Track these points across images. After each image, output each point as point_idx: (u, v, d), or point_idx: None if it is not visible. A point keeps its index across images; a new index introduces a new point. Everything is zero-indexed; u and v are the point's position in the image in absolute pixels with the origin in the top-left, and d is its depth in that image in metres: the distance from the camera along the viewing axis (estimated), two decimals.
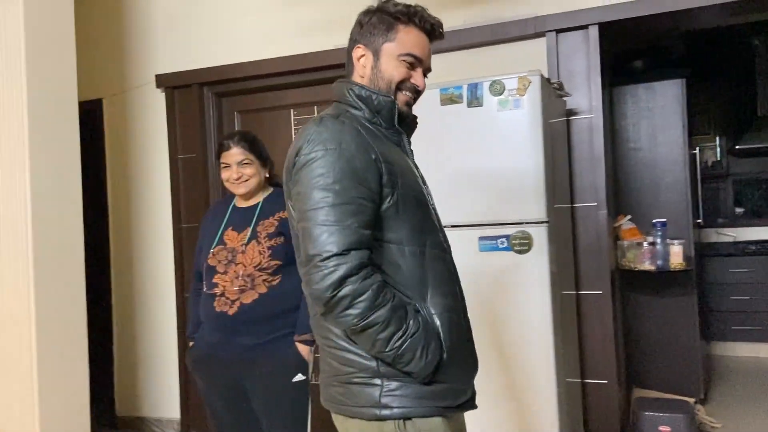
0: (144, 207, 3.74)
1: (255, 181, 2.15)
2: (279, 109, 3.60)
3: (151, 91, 3.69)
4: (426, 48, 1.41)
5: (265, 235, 2.09)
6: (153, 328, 3.70)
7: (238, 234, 2.12)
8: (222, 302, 2.06)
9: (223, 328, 2.06)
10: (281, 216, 2.13)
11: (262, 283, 2.05)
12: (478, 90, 2.34)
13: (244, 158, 2.12)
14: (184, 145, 3.65)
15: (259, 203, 2.17)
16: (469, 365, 1.38)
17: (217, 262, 2.10)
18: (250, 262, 2.05)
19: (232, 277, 2.06)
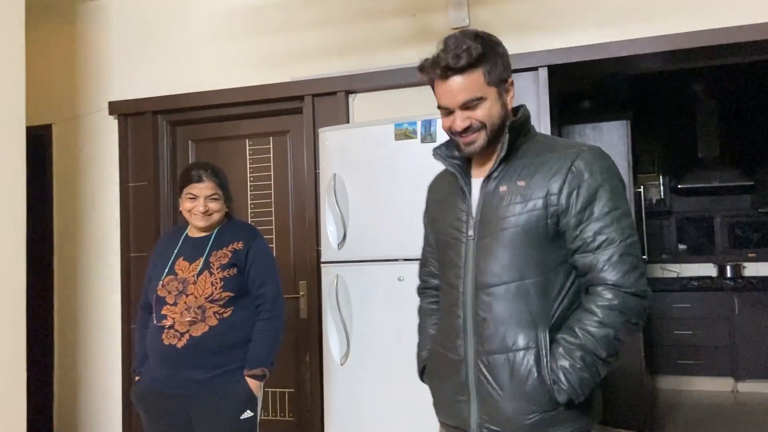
0: (92, 235, 3.64)
1: (217, 217, 2.14)
2: (234, 139, 3.59)
3: (104, 118, 3.63)
4: (452, 90, 1.36)
5: (218, 266, 2.06)
6: (96, 361, 3.57)
7: (189, 264, 2.09)
8: (171, 335, 2.01)
9: (170, 362, 2.01)
10: (235, 247, 2.11)
11: (212, 315, 2.02)
12: (431, 126, 2.40)
13: (213, 193, 2.11)
14: (136, 174, 3.59)
15: (213, 234, 2.15)
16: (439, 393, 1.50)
17: (167, 293, 2.06)
18: (202, 293, 2.02)
19: (182, 308, 2.02)
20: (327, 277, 2.58)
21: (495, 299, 1.34)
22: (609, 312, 1.28)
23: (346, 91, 3.24)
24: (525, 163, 1.39)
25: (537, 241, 1.34)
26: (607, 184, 1.34)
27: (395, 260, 2.46)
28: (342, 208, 2.54)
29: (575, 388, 1.28)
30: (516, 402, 1.31)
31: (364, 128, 2.57)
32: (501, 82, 1.38)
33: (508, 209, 1.36)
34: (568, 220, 1.33)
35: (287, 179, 3.49)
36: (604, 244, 1.30)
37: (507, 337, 1.32)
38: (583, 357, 1.27)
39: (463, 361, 1.38)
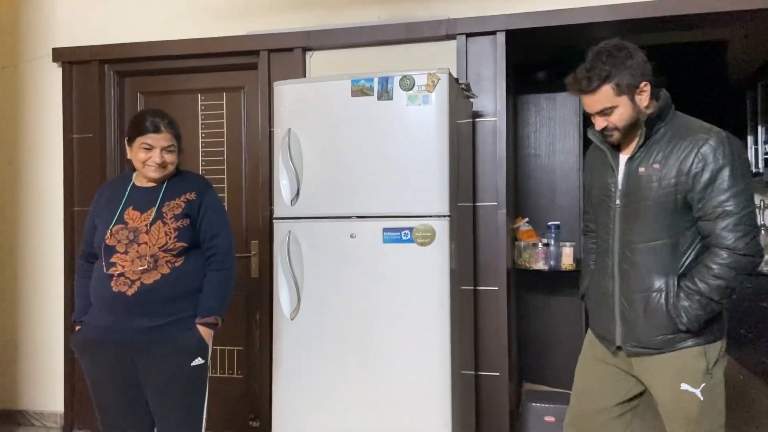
0: (33, 188, 3.50)
1: (171, 169, 2.10)
2: (186, 93, 3.49)
3: (47, 66, 3.46)
4: (589, 103, 1.79)
5: (171, 216, 2.04)
6: (38, 317, 3.47)
7: (140, 214, 2.05)
8: (121, 282, 1.98)
9: (119, 309, 1.99)
10: (188, 197, 2.08)
11: (165, 264, 2.00)
12: (388, 83, 2.38)
13: (170, 144, 2.06)
14: (81, 125, 3.45)
15: (164, 184, 2.11)
16: (595, 315, 1.95)
17: (117, 242, 2.02)
18: (155, 242, 2.00)
19: (133, 257, 1.99)
20: (279, 233, 2.56)
21: (635, 253, 1.77)
22: (722, 267, 1.66)
23: (303, 48, 3.19)
24: (660, 147, 1.75)
25: (669, 212, 1.72)
26: (729, 166, 1.66)
27: (348, 217, 2.46)
28: (296, 164, 2.52)
29: (692, 322, 1.70)
30: (649, 327, 1.76)
31: (320, 83, 2.54)
32: (632, 88, 1.73)
33: (646, 186, 1.75)
34: (693, 195, 1.69)
35: (241, 137, 3.43)
36: (722, 215, 1.66)
37: (645, 281, 1.75)
38: (700, 300, 1.68)
39: (612, 296, 1.84)
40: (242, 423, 3.33)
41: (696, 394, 1.72)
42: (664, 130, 1.76)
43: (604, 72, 1.70)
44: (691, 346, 1.73)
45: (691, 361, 1.73)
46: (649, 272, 1.74)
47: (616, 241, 1.81)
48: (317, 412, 2.47)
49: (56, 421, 3.43)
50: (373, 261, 2.42)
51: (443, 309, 2.36)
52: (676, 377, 1.74)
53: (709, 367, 1.72)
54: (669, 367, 1.75)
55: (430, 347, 2.36)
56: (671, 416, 1.79)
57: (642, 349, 1.78)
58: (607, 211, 1.85)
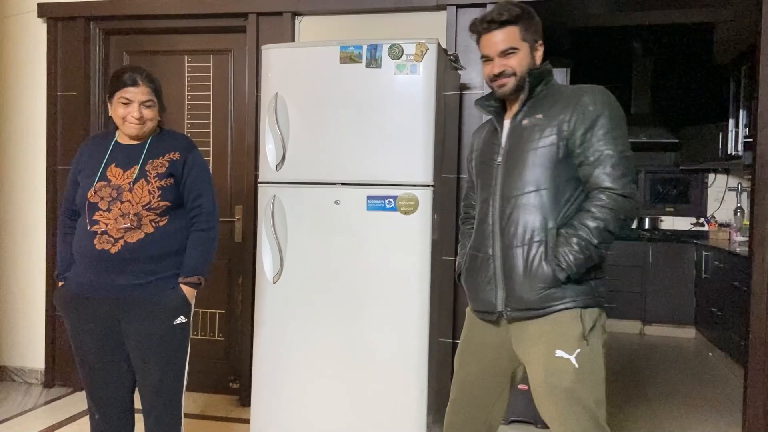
0: (16, 145, 3.47)
1: (151, 125, 2.06)
2: (173, 54, 3.46)
3: (32, 21, 3.41)
4: (493, 42, 1.73)
5: (154, 175, 2.03)
6: (19, 273, 3.47)
7: (123, 171, 2.03)
8: (104, 240, 1.98)
9: (102, 266, 1.99)
10: (171, 157, 2.06)
11: (149, 223, 2.00)
12: (377, 51, 2.39)
13: (147, 99, 2.02)
14: (65, 83, 3.41)
15: (147, 142, 2.09)
16: (472, 287, 1.84)
17: (99, 199, 2.00)
18: (139, 200, 1.99)
19: (116, 215, 1.98)
20: (264, 197, 2.57)
21: (516, 206, 1.71)
22: (601, 209, 1.64)
23: (293, 12, 3.16)
24: (545, 102, 1.74)
25: (551, 160, 1.69)
26: (607, 112, 1.67)
27: (333, 184, 2.48)
28: (282, 129, 2.52)
29: (571, 266, 1.64)
30: (528, 282, 1.68)
31: (309, 48, 2.53)
32: (533, 42, 1.75)
33: (529, 137, 1.72)
34: (573, 140, 1.68)
35: (227, 100, 3.41)
36: (600, 158, 1.65)
37: (525, 233, 1.69)
38: (578, 242, 1.63)
39: (492, 257, 1.76)
40: (222, 384, 3.38)
41: (570, 360, 1.64)
42: (545, 92, 1.76)
43: (515, 11, 1.72)
44: (566, 308, 1.66)
45: (567, 324, 1.67)
46: (529, 223, 1.69)
47: (497, 200, 1.76)
48: (296, 374, 2.52)
49: (37, 377, 3.45)
50: (357, 228, 2.45)
51: (424, 277, 2.40)
52: (552, 342, 1.67)
53: (585, 333, 1.66)
54: (546, 333, 1.68)
55: (409, 314, 2.41)
56: (544, 392, 1.68)
57: (522, 311, 1.70)
58: (489, 172, 1.80)
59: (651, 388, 3.84)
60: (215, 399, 3.33)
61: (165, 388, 2.06)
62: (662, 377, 4.09)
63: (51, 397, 3.31)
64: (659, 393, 3.73)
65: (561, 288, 1.66)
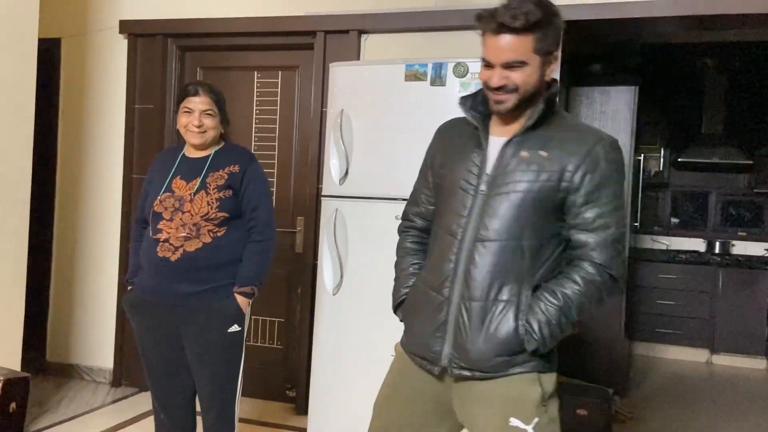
0: (95, 154, 3.67)
1: (212, 134, 2.15)
2: (243, 70, 3.59)
3: (113, 37, 3.61)
4: (499, 48, 1.42)
5: (214, 187, 2.11)
6: (93, 276, 3.65)
7: (186, 183, 2.13)
8: (165, 248, 2.07)
9: (163, 273, 2.08)
10: (231, 170, 2.15)
11: (207, 233, 2.08)
12: (442, 69, 2.41)
13: (208, 108, 2.11)
14: (143, 96, 3.59)
15: (210, 155, 2.18)
16: (415, 327, 1.58)
17: (164, 209, 2.11)
18: (198, 211, 2.08)
19: (177, 224, 2.08)
20: (326, 211, 2.63)
21: (490, 252, 1.44)
22: (589, 284, 1.43)
23: (359, 30, 3.23)
24: (550, 135, 1.45)
25: (542, 209, 1.43)
26: (617, 177, 1.45)
27: (395, 199, 2.51)
28: (346, 144, 2.58)
29: (545, 341, 1.41)
30: (486, 345, 1.43)
31: (374, 66, 2.59)
32: (547, 54, 1.42)
33: (523, 174, 1.44)
34: (575, 197, 1.43)
35: (293, 115, 3.51)
36: (601, 227, 1.42)
37: (493, 288, 1.43)
38: (559, 317, 1.41)
39: (447, 303, 1.48)
40: (279, 391, 3.44)
41: (527, 431, 1.42)
42: (550, 120, 1.47)
43: (534, 17, 1.36)
44: (525, 371, 1.43)
45: (524, 388, 1.44)
46: (499, 278, 1.43)
47: (467, 237, 1.46)
48: (354, 385, 2.55)
49: (105, 376, 3.62)
50: None
51: None
52: (506, 409, 1.44)
53: (545, 398, 1.44)
54: (499, 397, 1.45)
55: None
56: None
57: (471, 371, 1.44)
58: (462, 199, 1.49)
59: (718, 420, 3.67)
60: (272, 406, 3.39)
61: (219, 394, 2.12)
62: (730, 409, 3.90)
63: (118, 396, 3.46)
64: (726, 425, 3.56)
65: (520, 355, 1.43)
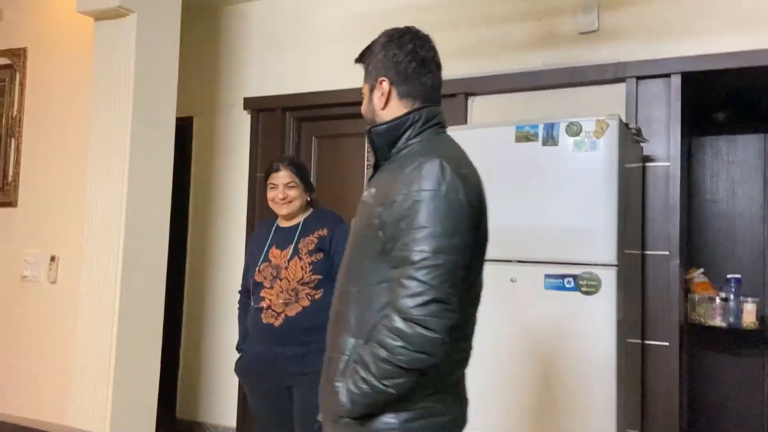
0: (221, 220, 3.93)
1: (298, 204, 2.31)
2: (354, 137, 3.73)
3: (238, 113, 3.91)
4: None
5: (306, 252, 2.23)
6: (218, 337, 3.85)
7: (281, 251, 2.27)
8: (269, 315, 2.21)
9: (268, 339, 2.21)
10: (320, 234, 2.26)
11: (305, 297, 2.19)
12: (554, 130, 2.38)
13: (290, 181, 2.28)
14: (264, 165, 3.82)
15: (300, 223, 2.32)
16: None
17: (263, 278, 2.25)
18: (293, 276, 2.20)
19: (277, 291, 2.21)
20: None
21: (337, 301, 1.36)
22: (388, 335, 1.18)
23: (465, 93, 3.28)
24: (390, 167, 1.33)
25: (370, 252, 1.27)
26: (433, 199, 1.19)
27: (509, 261, 2.47)
28: None
29: (345, 404, 1.23)
30: (324, 397, 1.33)
31: (483, 129, 2.60)
32: (372, 81, 1.40)
33: (360, 216, 1.34)
34: (386, 231, 1.23)
35: None
36: (403, 262, 1.20)
37: (333, 338, 1.34)
38: (357, 375, 1.22)
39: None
40: None
41: None
42: (408, 151, 1.31)
43: (367, 49, 1.43)
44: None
45: None
46: (341, 329, 1.30)
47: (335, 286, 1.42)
48: None
49: None
50: (534, 307, 2.40)
51: (609, 362, 2.26)
52: None
53: None
54: None
55: (595, 402, 2.26)
56: None
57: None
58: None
59: None
60: None
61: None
62: None
63: None
64: None
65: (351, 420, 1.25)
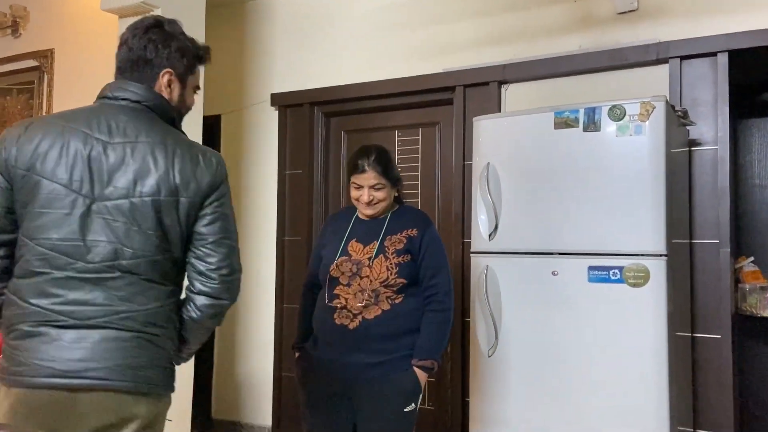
0: (251, 217, 3.89)
1: (384, 205, 2.07)
2: (384, 130, 3.66)
3: (266, 109, 3.86)
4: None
5: (393, 251, 2.01)
6: (252, 337, 3.82)
7: (363, 247, 2.04)
8: (343, 315, 1.98)
9: (339, 342, 1.99)
10: (409, 234, 2.05)
11: (385, 300, 1.97)
12: (595, 114, 2.27)
13: (377, 182, 2.04)
14: (293, 162, 3.78)
15: (387, 217, 2.10)
16: None
17: (341, 274, 2.02)
18: (377, 276, 1.97)
19: (355, 290, 1.98)
20: (476, 268, 2.54)
21: None
22: None
23: (499, 81, 3.18)
24: None
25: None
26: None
27: (550, 254, 2.37)
28: (494, 198, 2.49)
29: None
30: None
31: (521, 116, 2.50)
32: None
33: None
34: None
35: (434, 171, 3.50)
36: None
37: None
38: None
39: None
40: None
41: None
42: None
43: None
44: None
45: None
46: None
47: None
48: None
49: None
50: (577, 301, 2.29)
51: (660, 357, 2.15)
52: None
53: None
54: None
55: (644, 398, 2.15)
56: None
57: None
58: None
59: None
60: None
61: None
62: None
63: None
64: None
65: None
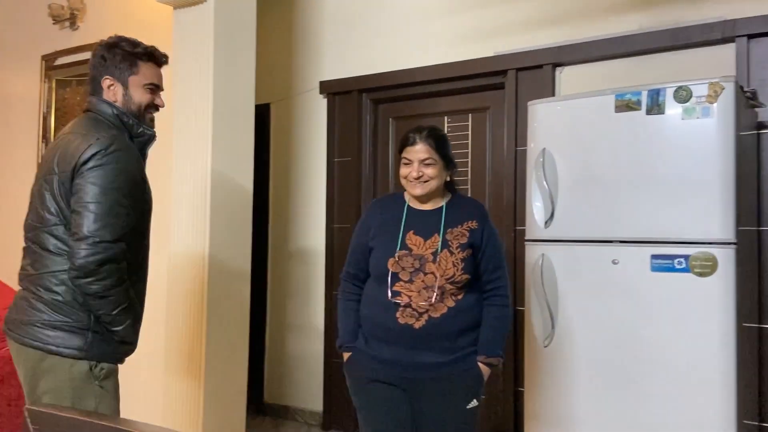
0: (301, 205, 3.91)
1: (435, 183, 1.94)
2: (433, 116, 3.61)
3: (315, 97, 3.86)
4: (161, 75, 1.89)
5: (457, 246, 1.91)
6: (302, 324, 3.85)
7: (424, 241, 1.92)
8: (407, 314, 1.87)
9: (403, 342, 1.88)
10: (470, 226, 1.94)
11: (449, 297, 1.89)
12: (659, 96, 2.18)
13: (428, 157, 1.91)
14: (341, 149, 3.77)
15: (443, 207, 1.98)
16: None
17: (401, 269, 1.90)
18: (444, 273, 1.87)
19: (419, 287, 1.88)
20: (531, 256, 2.48)
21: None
22: None
23: (553, 64, 3.09)
24: None
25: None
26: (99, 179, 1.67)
27: (610, 242, 2.30)
28: (550, 185, 2.43)
29: None
30: None
31: (579, 100, 2.42)
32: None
33: None
34: None
35: (485, 156, 3.44)
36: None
37: None
38: None
39: None
40: None
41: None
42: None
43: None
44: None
45: None
46: None
47: None
48: None
49: (316, 419, 3.76)
50: (639, 291, 2.22)
51: (727, 349, 2.06)
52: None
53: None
54: None
55: (711, 393, 2.07)
56: None
57: None
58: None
59: None
60: None
61: None
62: None
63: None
64: None
65: None
